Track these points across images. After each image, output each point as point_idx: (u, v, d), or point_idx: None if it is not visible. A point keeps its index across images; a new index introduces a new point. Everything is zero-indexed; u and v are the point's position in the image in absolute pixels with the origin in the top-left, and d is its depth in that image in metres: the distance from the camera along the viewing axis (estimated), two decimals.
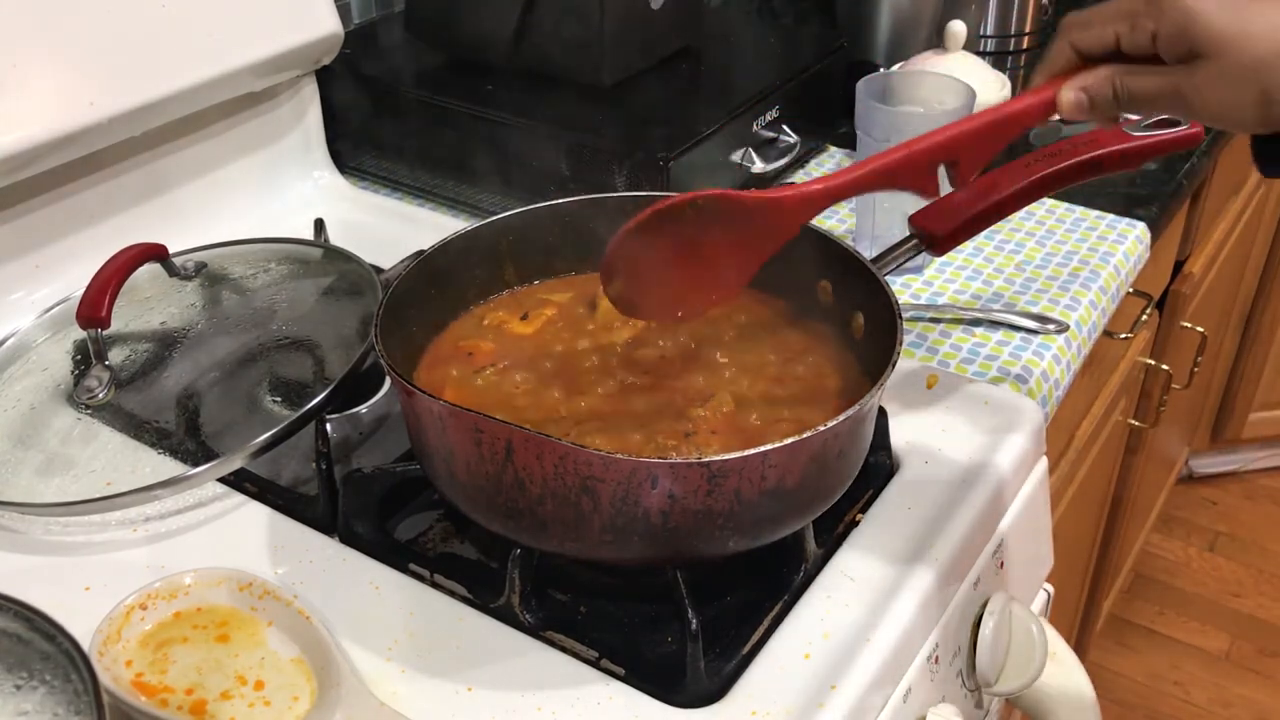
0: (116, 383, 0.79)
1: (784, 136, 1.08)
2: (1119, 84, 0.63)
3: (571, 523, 0.62)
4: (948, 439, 0.81)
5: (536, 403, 0.72)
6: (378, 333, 0.67)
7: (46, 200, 0.92)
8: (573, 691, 0.64)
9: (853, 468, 0.68)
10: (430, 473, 0.68)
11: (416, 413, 0.65)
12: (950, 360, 0.90)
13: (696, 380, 0.73)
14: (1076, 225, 1.07)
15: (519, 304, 0.81)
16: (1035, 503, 0.85)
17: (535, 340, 0.78)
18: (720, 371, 0.74)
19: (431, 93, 1.08)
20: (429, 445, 0.66)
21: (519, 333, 0.78)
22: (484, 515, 0.65)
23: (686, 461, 0.61)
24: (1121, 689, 1.89)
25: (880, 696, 0.66)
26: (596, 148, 0.99)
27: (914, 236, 0.77)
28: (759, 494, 0.61)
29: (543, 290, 0.82)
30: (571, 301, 0.80)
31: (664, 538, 0.62)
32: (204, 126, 1.02)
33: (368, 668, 0.64)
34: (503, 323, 0.79)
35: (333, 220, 0.99)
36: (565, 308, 0.80)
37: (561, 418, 0.70)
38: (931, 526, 0.74)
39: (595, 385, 0.73)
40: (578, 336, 0.78)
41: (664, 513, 0.60)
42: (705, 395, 0.71)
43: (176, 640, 0.65)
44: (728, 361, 0.75)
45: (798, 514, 0.66)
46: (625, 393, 0.72)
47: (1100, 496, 1.48)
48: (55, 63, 0.86)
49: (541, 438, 0.59)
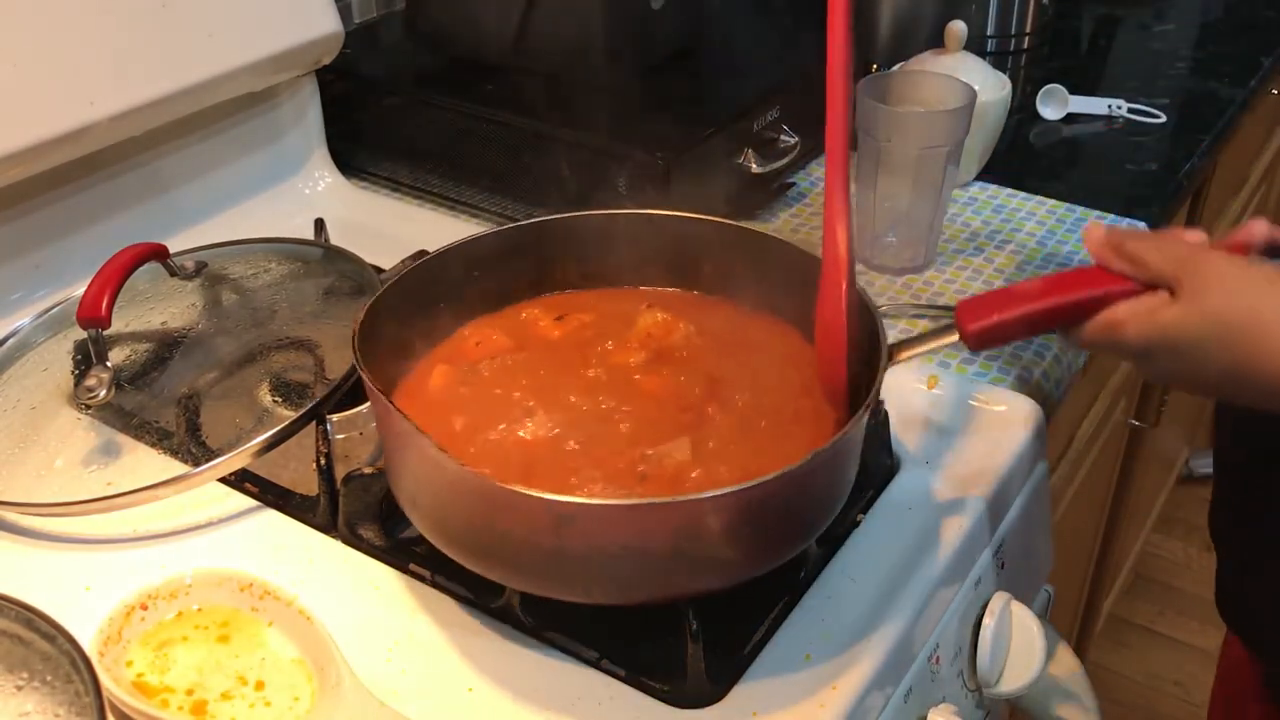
0: (117, 383, 0.79)
1: (784, 137, 1.08)
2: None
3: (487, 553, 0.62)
4: (948, 439, 0.81)
5: (505, 403, 0.70)
6: (363, 320, 0.68)
7: (46, 200, 0.92)
8: (573, 692, 0.64)
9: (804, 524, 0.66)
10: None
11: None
12: (950, 360, 0.90)
13: (680, 417, 0.70)
14: (1077, 225, 1.07)
15: (561, 306, 0.79)
16: (1035, 503, 0.85)
17: (553, 343, 0.76)
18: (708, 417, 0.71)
19: (432, 93, 1.08)
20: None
21: (545, 334, 0.77)
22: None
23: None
24: (1121, 689, 1.89)
25: (880, 696, 0.66)
26: (597, 148, 0.99)
27: (953, 327, 0.69)
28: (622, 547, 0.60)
29: (592, 298, 0.80)
30: (613, 312, 0.78)
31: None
32: (204, 126, 1.02)
33: (368, 668, 0.64)
34: (535, 320, 0.78)
35: (333, 220, 0.99)
36: (607, 317, 0.78)
37: (531, 422, 0.69)
38: (931, 526, 0.74)
39: (581, 400, 0.71)
40: (598, 348, 0.75)
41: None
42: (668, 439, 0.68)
43: (177, 640, 0.65)
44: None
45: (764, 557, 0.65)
46: (608, 415, 0.70)
47: (1100, 496, 1.48)
48: (55, 63, 0.86)
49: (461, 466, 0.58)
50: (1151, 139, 1.22)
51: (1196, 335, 0.61)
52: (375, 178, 1.15)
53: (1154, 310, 0.62)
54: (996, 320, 0.66)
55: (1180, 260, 0.62)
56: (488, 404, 0.71)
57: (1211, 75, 1.37)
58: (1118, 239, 0.64)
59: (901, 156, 0.95)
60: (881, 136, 0.95)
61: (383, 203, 1.12)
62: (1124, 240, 0.64)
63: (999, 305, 0.66)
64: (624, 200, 0.97)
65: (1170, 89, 1.34)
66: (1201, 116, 1.27)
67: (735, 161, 1.04)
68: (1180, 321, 0.61)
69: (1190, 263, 0.62)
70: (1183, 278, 0.61)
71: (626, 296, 0.80)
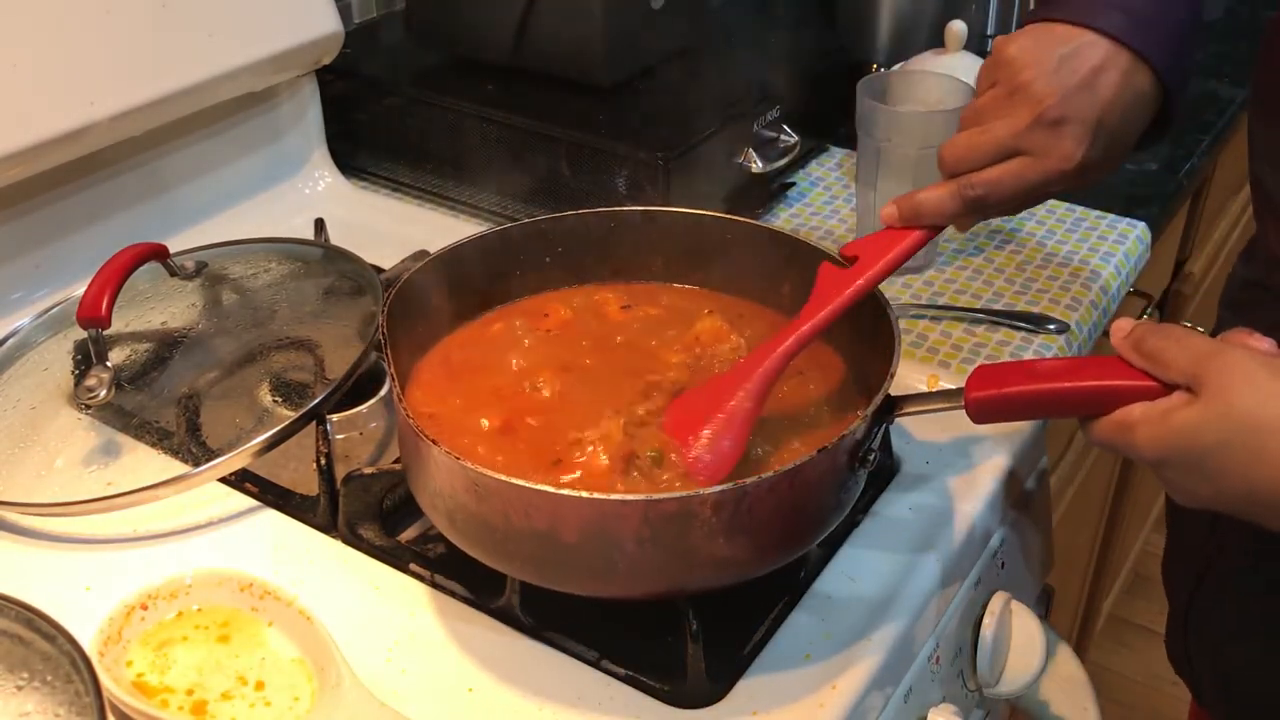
0: (117, 383, 0.79)
1: (784, 136, 1.08)
2: None
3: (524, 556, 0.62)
4: (948, 439, 0.81)
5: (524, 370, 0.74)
6: (391, 301, 0.69)
7: (46, 200, 0.92)
8: (573, 692, 0.64)
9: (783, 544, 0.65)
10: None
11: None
12: (950, 360, 0.90)
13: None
14: (1077, 225, 1.07)
15: (636, 295, 0.81)
16: (1036, 502, 0.85)
17: (607, 328, 0.78)
18: None
19: (432, 93, 1.08)
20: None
21: (608, 315, 0.79)
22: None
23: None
24: (1121, 689, 1.89)
25: (880, 696, 0.66)
26: (597, 148, 0.99)
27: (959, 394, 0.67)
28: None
29: (674, 295, 0.81)
30: (682, 310, 0.79)
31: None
32: (204, 126, 1.02)
33: (368, 668, 0.64)
34: (604, 304, 0.80)
35: (333, 220, 0.99)
36: (673, 313, 0.79)
37: (542, 402, 0.71)
38: (931, 526, 0.74)
39: (606, 386, 0.72)
40: (651, 340, 0.77)
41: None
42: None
43: (177, 640, 0.65)
44: None
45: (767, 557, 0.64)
46: (632, 402, 0.71)
47: (1100, 496, 1.48)
48: (55, 63, 0.86)
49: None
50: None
51: (1215, 440, 0.54)
52: (375, 178, 1.15)
53: (1169, 412, 0.55)
54: (995, 394, 0.61)
55: (1202, 356, 0.55)
56: (525, 359, 0.75)
57: (1211, 75, 1.37)
58: (1140, 333, 0.58)
59: (901, 156, 0.95)
60: (881, 136, 0.95)
61: (383, 203, 1.12)
62: (1146, 335, 0.58)
63: (1007, 379, 0.62)
64: (624, 200, 0.97)
65: None
66: (1201, 116, 1.27)
67: (735, 161, 1.04)
68: (1196, 424, 0.54)
69: (1214, 359, 0.54)
70: (1204, 376, 0.54)
71: (706, 299, 0.81)
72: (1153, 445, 0.56)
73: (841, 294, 0.68)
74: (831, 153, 1.20)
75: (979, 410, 0.62)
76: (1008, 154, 0.68)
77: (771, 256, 0.78)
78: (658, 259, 0.82)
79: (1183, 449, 0.55)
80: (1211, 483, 0.55)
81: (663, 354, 0.76)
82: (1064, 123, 0.66)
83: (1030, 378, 0.61)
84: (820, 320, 0.68)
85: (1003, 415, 0.64)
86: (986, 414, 0.63)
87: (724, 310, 0.78)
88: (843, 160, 1.18)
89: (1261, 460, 0.53)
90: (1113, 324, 0.61)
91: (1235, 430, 0.53)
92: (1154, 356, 0.57)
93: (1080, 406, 0.60)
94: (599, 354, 0.76)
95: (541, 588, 0.63)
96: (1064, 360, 0.64)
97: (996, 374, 0.62)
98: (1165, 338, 0.57)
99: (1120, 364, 0.59)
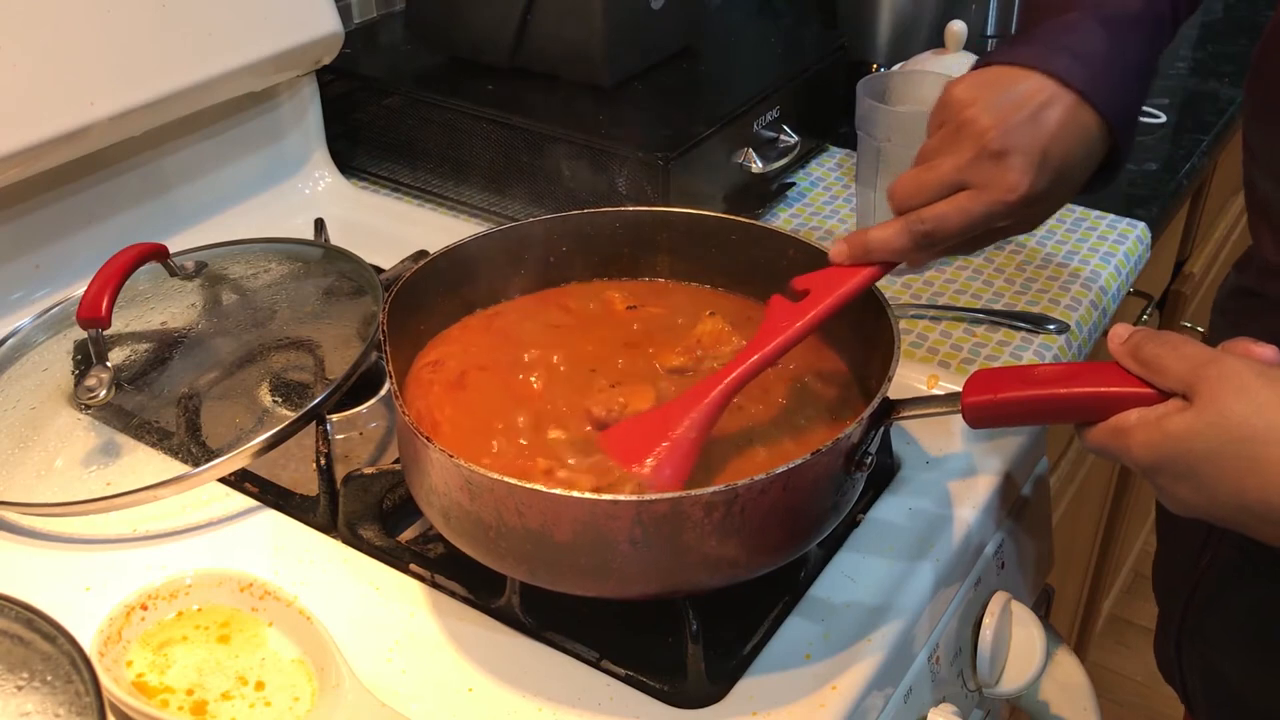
0: (117, 383, 0.79)
1: (784, 136, 1.08)
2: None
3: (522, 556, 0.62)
4: (948, 439, 0.81)
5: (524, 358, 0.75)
6: (397, 295, 0.70)
7: (46, 200, 0.92)
8: (573, 692, 0.64)
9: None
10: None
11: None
12: (950, 360, 0.90)
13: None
14: (1077, 225, 1.07)
15: (643, 293, 0.82)
16: (1035, 503, 0.85)
17: (610, 322, 0.79)
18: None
19: (432, 93, 1.08)
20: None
21: (613, 309, 0.80)
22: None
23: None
24: (1121, 689, 1.89)
25: (880, 696, 0.66)
26: (597, 148, 0.99)
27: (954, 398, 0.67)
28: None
29: (683, 293, 0.82)
30: (687, 310, 0.80)
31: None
32: (204, 126, 1.02)
33: (368, 668, 0.64)
34: (610, 300, 0.81)
35: (333, 220, 0.99)
36: (677, 313, 0.79)
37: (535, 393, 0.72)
38: (931, 526, 0.74)
39: (600, 385, 0.72)
40: (651, 340, 0.77)
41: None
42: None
43: (177, 640, 0.65)
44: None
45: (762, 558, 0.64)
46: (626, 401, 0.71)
47: (1100, 496, 1.48)
48: (55, 63, 0.86)
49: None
50: (1151, 139, 1.22)
51: (1208, 448, 0.53)
52: (375, 178, 1.15)
53: (1163, 419, 0.55)
54: (991, 400, 0.61)
55: (1198, 364, 0.54)
56: (536, 344, 0.76)
57: (1211, 75, 1.38)
58: (1137, 340, 0.58)
59: (901, 156, 0.95)
60: (880, 136, 0.95)
61: (383, 203, 1.12)
62: (1143, 342, 0.57)
63: (1003, 385, 0.62)
64: (624, 200, 0.97)
65: (1170, 89, 1.34)
66: (1201, 116, 1.27)
67: (735, 161, 1.04)
68: (1190, 432, 0.54)
69: (1210, 367, 0.54)
70: (1199, 384, 0.54)
71: (710, 300, 0.81)
72: (1146, 452, 0.56)
73: (791, 327, 0.68)
74: (831, 153, 1.20)
75: (975, 416, 0.62)
76: (954, 188, 0.68)
77: (778, 257, 0.78)
78: (662, 258, 0.82)
79: (1176, 456, 0.55)
80: (1204, 491, 0.55)
81: (661, 354, 0.76)
82: (1007, 154, 0.66)
83: (1026, 384, 0.61)
84: (767, 354, 0.68)
85: (999, 421, 0.63)
86: (982, 420, 0.63)
87: (721, 311, 0.78)
88: (843, 160, 1.18)
89: (1254, 470, 0.52)
90: (1110, 330, 0.61)
91: (1228, 439, 0.53)
92: (1151, 363, 0.57)
93: (1076, 413, 0.60)
94: (600, 352, 0.76)
95: (541, 588, 0.63)
96: (1060, 366, 0.64)
97: (992, 380, 0.62)
98: (1162, 345, 0.57)
99: (1117, 370, 0.59)
